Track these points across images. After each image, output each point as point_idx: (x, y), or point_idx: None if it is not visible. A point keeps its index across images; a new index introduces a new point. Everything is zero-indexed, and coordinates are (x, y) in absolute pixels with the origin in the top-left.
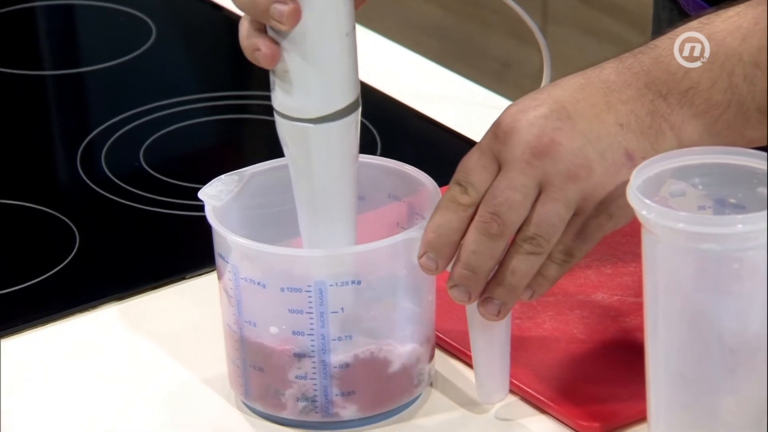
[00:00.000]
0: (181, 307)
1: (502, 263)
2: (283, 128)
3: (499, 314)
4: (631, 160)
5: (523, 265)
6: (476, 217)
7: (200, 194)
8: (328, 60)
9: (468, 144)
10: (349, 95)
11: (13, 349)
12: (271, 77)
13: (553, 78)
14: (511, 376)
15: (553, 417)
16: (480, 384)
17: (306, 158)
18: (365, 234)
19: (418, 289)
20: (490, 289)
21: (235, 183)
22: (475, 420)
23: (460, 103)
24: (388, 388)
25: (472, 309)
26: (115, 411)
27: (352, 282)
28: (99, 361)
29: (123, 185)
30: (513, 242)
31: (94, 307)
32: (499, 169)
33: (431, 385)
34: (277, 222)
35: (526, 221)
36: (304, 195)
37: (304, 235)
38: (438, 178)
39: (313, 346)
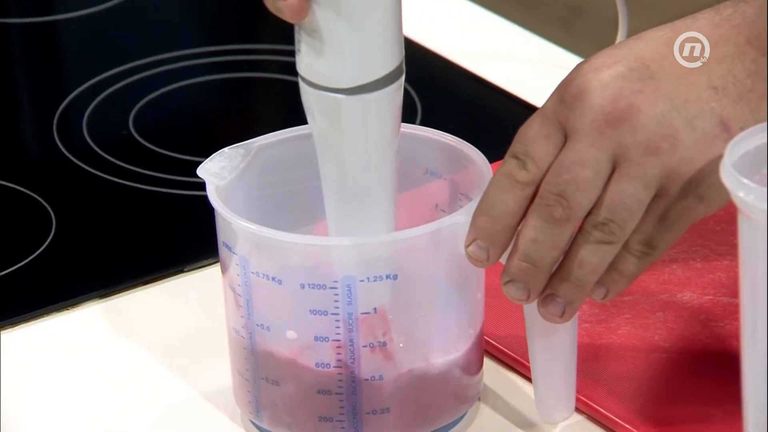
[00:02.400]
0: (177, 307)
1: (567, 254)
2: (309, 98)
3: (563, 316)
4: (727, 131)
5: (593, 257)
6: (537, 198)
7: (200, 171)
8: (368, 18)
9: (528, 110)
10: (391, 61)
11: None
12: (297, 35)
13: (633, 30)
14: (578, 392)
15: None
16: (540, 400)
17: (337, 133)
18: (399, 219)
19: (465, 285)
20: (554, 285)
21: (242, 157)
22: None
23: (518, 60)
24: (429, 405)
25: (531, 310)
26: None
27: (387, 277)
28: (77, 370)
29: (108, 158)
30: (581, 229)
31: (72, 305)
32: (566, 140)
33: (480, 400)
34: (293, 204)
35: (597, 204)
36: (334, 176)
37: (331, 224)
38: (489, 152)
39: (339, 354)
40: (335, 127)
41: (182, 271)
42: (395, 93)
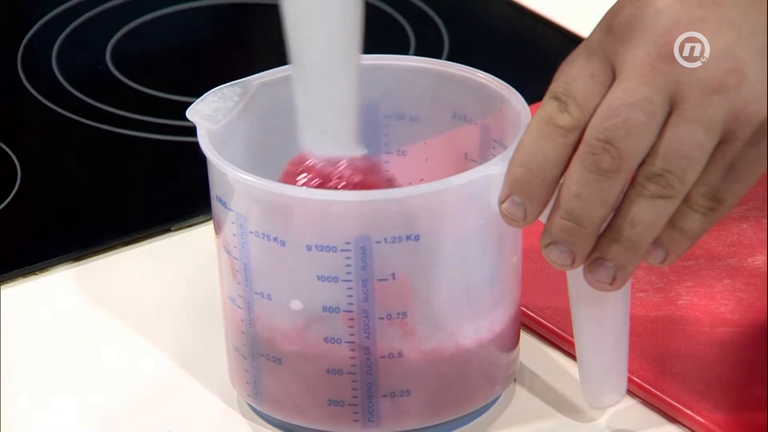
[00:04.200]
0: (163, 273)
1: (618, 211)
2: None
3: (613, 283)
4: None
5: (647, 214)
6: (581, 146)
7: (189, 113)
8: None
9: (572, 42)
10: None
11: None
12: None
13: None
14: (630, 372)
15: (689, 429)
16: (586, 381)
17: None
18: (423, 169)
19: (499, 247)
20: (602, 247)
21: (238, 97)
22: (577, 431)
23: None
24: (456, 387)
25: (576, 276)
26: (71, 413)
27: (407, 237)
28: (48, 342)
29: (82, 97)
30: (633, 181)
31: (42, 269)
32: (614, 78)
33: (515, 381)
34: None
35: (651, 152)
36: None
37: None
38: (527, 92)
39: (351, 328)
40: None
41: (169, 231)
42: None
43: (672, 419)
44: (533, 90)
